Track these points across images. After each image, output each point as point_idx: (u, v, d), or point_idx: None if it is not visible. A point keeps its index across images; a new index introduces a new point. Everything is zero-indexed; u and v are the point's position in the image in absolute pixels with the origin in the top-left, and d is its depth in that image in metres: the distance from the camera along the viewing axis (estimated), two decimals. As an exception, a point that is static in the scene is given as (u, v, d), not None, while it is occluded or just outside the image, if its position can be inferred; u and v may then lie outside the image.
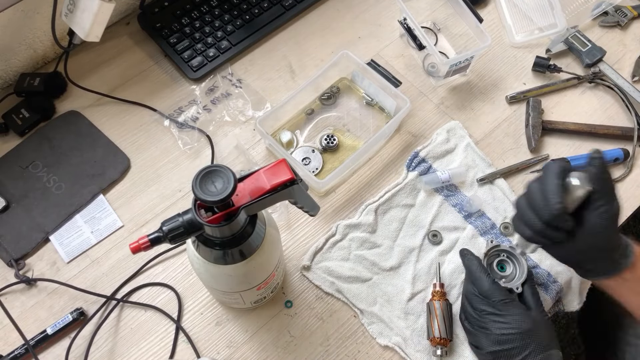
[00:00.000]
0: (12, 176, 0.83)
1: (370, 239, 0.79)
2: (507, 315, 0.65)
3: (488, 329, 0.66)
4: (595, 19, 0.99)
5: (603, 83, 0.92)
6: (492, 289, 0.67)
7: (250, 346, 0.73)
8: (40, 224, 0.80)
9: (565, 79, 0.93)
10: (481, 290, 0.68)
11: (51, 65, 0.93)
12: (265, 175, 0.54)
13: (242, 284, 0.63)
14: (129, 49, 0.96)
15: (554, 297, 0.74)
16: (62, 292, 0.76)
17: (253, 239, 0.57)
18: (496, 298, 0.67)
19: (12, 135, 0.87)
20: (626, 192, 0.84)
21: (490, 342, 0.66)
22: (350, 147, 0.86)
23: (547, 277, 0.76)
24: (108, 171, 0.84)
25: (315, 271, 0.77)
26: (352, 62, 0.88)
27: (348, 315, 0.75)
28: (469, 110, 0.91)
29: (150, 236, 0.52)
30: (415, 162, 0.85)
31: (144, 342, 0.73)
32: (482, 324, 0.67)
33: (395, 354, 0.73)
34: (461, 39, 0.97)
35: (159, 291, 0.76)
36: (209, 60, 0.93)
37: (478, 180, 0.83)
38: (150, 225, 0.81)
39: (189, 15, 0.96)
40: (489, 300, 0.67)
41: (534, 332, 0.64)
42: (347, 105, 0.90)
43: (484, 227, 0.80)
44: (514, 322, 0.65)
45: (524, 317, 0.65)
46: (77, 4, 0.78)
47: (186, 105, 0.90)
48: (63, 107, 0.90)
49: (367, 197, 0.83)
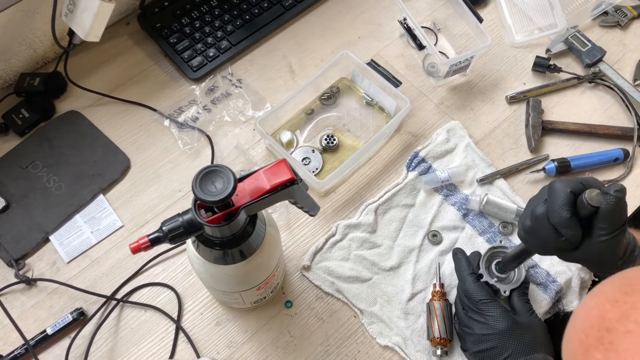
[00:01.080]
0: (12, 176, 0.83)
1: (370, 239, 0.79)
2: (486, 315, 0.66)
3: (471, 329, 0.67)
4: (595, 19, 0.99)
5: (603, 83, 0.92)
6: (474, 288, 0.68)
7: (250, 346, 0.73)
8: (40, 224, 0.80)
9: (565, 79, 0.93)
10: (465, 289, 0.69)
11: (51, 65, 0.93)
12: (265, 175, 0.54)
13: (242, 284, 0.63)
14: (129, 49, 0.96)
15: (554, 297, 0.74)
16: (62, 292, 0.76)
17: (253, 239, 0.57)
18: (477, 297, 0.67)
19: (12, 135, 0.87)
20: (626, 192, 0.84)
21: (473, 342, 0.67)
22: (350, 147, 0.86)
23: (546, 277, 0.76)
24: (108, 171, 0.84)
25: (315, 271, 0.77)
26: (352, 62, 0.88)
27: (348, 315, 0.75)
28: (469, 110, 0.91)
29: (150, 236, 0.52)
30: (415, 162, 0.85)
31: (144, 342, 0.73)
32: (466, 323, 0.68)
33: (395, 354, 0.73)
34: (461, 39, 0.97)
35: (159, 291, 0.76)
36: (209, 60, 0.93)
37: (478, 181, 0.83)
38: (150, 225, 0.81)
39: (189, 15, 0.96)
40: (471, 299, 0.68)
41: (513, 333, 0.64)
42: (347, 105, 0.90)
43: (482, 227, 0.80)
44: (492, 321, 0.65)
45: (502, 317, 0.65)
46: (77, 4, 0.78)
47: (186, 105, 0.90)
48: (63, 107, 0.90)
49: (367, 197, 0.83)
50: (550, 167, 0.83)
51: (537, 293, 0.75)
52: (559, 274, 0.76)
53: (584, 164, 0.84)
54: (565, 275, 0.76)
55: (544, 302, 0.75)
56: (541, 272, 0.76)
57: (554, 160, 0.84)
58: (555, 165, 0.83)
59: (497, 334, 0.65)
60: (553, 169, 0.83)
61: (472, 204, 0.80)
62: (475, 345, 0.66)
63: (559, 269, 0.76)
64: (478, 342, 0.66)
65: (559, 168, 0.83)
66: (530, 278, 0.75)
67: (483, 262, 0.72)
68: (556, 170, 0.83)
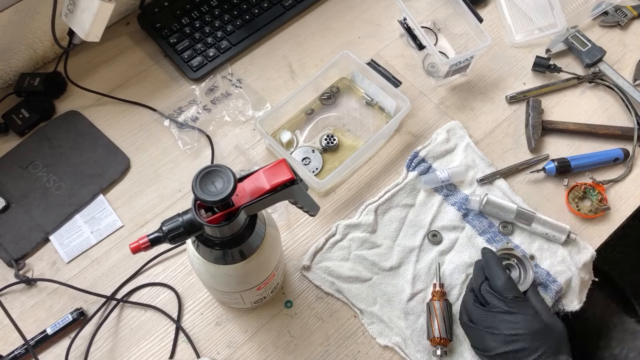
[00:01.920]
0: (12, 176, 0.83)
1: (370, 239, 0.79)
2: (518, 314, 0.63)
3: (496, 328, 0.64)
4: (595, 18, 0.99)
5: (603, 83, 0.92)
6: (507, 285, 0.66)
7: (250, 346, 0.73)
8: (40, 224, 0.80)
9: (565, 79, 0.93)
10: (495, 285, 0.66)
11: (51, 65, 0.93)
12: (265, 175, 0.54)
13: (242, 284, 0.63)
14: (129, 49, 0.96)
15: (554, 297, 0.74)
16: (62, 292, 0.76)
17: (253, 239, 0.57)
18: (509, 295, 0.65)
19: (12, 135, 0.87)
20: (626, 192, 0.84)
21: (499, 342, 0.63)
22: (350, 147, 0.86)
23: (547, 277, 0.76)
24: (108, 171, 0.84)
25: (315, 271, 0.77)
26: (352, 62, 0.88)
27: (348, 315, 0.75)
28: (469, 110, 0.91)
29: (150, 236, 0.52)
30: (415, 162, 0.85)
31: (144, 342, 0.73)
32: (490, 323, 0.65)
33: (395, 354, 0.73)
34: (461, 39, 0.97)
35: (159, 291, 0.76)
36: (208, 60, 0.93)
37: (478, 181, 0.83)
38: (150, 225, 0.81)
39: (188, 15, 0.96)
40: (502, 296, 0.65)
41: (545, 334, 0.62)
42: (347, 105, 0.90)
43: (482, 227, 0.80)
44: (525, 321, 0.63)
45: (535, 317, 0.63)
46: (77, 3, 0.78)
47: (186, 105, 0.90)
48: (63, 107, 0.90)
49: (367, 197, 0.83)
50: (550, 167, 0.83)
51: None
52: (559, 273, 0.76)
53: (584, 164, 0.84)
54: (566, 275, 0.76)
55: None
56: (541, 272, 0.76)
57: (554, 160, 0.84)
58: (555, 165, 0.83)
59: (528, 334, 0.62)
60: (553, 168, 0.83)
61: (472, 204, 0.80)
62: (502, 346, 0.63)
63: (559, 268, 0.76)
64: (506, 342, 0.63)
65: (559, 168, 0.83)
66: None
67: None
68: (556, 170, 0.83)
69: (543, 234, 0.78)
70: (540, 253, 0.78)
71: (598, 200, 0.81)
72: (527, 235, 0.79)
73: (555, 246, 0.78)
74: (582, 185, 0.83)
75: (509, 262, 0.74)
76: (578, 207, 0.81)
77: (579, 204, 0.82)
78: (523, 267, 0.73)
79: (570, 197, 0.82)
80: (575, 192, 0.82)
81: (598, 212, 0.80)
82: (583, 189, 0.82)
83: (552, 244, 0.78)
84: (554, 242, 0.78)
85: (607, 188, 0.83)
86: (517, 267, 0.73)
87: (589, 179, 0.83)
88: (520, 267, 0.73)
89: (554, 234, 0.78)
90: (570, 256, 0.77)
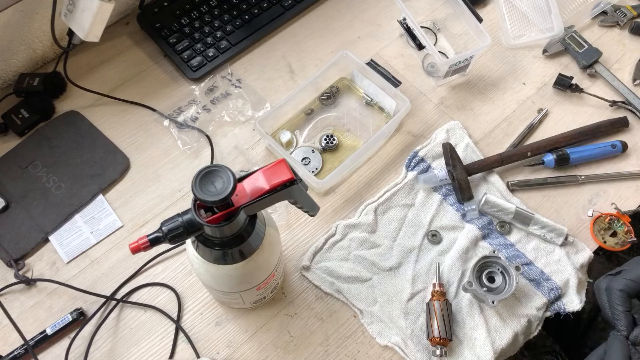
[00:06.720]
0: (12, 176, 0.83)
1: (369, 239, 0.79)
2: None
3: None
4: (594, 18, 0.99)
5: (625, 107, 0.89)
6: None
7: (250, 346, 0.73)
8: (39, 224, 0.80)
9: (564, 177, 0.85)
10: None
11: (51, 65, 0.93)
12: (265, 175, 0.54)
13: (242, 284, 0.63)
14: (129, 49, 0.96)
15: (547, 294, 0.74)
16: (61, 292, 0.76)
17: (253, 239, 0.57)
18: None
19: (11, 135, 0.87)
20: (627, 192, 0.84)
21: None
22: (350, 147, 0.87)
23: (540, 275, 0.76)
24: (108, 171, 0.84)
25: (315, 271, 0.77)
26: (352, 62, 0.88)
27: (348, 315, 0.75)
28: (469, 110, 0.91)
29: (150, 236, 0.52)
30: (414, 162, 0.85)
31: (144, 342, 0.73)
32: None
33: (395, 354, 0.73)
34: (461, 39, 0.97)
35: (159, 291, 0.76)
36: (208, 60, 0.93)
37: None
38: (150, 225, 0.81)
39: (188, 15, 0.96)
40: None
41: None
42: (346, 105, 0.90)
43: (480, 224, 0.80)
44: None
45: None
46: (77, 4, 0.78)
47: (186, 105, 0.90)
48: (62, 107, 0.90)
49: (366, 197, 0.83)
50: (549, 159, 0.83)
51: (528, 288, 0.75)
52: (554, 273, 0.76)
53: (582, 157, 0.84)
54: (561, 275, 0.76)
55: (535, 297, 0.75)
56: (535, 270, 0.76)
57: (553, 153, 0.83)
58: (554, 157, 0.83)
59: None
60: (552, 161, 0.83)
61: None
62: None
63: (554, 268, 0.76)
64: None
65: (558, 161, 0.83)
66: (524, 275, 0.76)
67: (473, 272, 0.72)
68: (555, 162, 0.83)
69: (540, 235, 0.78)
70: (537, 252, 0.78)
71: (624, 232, 0.80)
72: (524, 235, 0.79)
73: (552, 246, 0.78)
74: (607, 216, 0.81)
75: (492, 270, 0.74)
76: (604, 239, 0.80)
77: (604, 236, 0.80)
78: (508, 275, 0.72)
79: (595, 229, 0.80)
80: (601, 224, 0.81)
81: (625, 244, 0.79)
82: (608, 220, 0.81)
83: (549, 244, 0.79)
84: (551, 243, 0.79)
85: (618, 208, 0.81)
86: (501, 276, 0.73)
87: (614, 209, 0.81)
88: (504, 275, 0.73)
89: (551, 236, 0.78)
90: (568, 257, 0.77)
